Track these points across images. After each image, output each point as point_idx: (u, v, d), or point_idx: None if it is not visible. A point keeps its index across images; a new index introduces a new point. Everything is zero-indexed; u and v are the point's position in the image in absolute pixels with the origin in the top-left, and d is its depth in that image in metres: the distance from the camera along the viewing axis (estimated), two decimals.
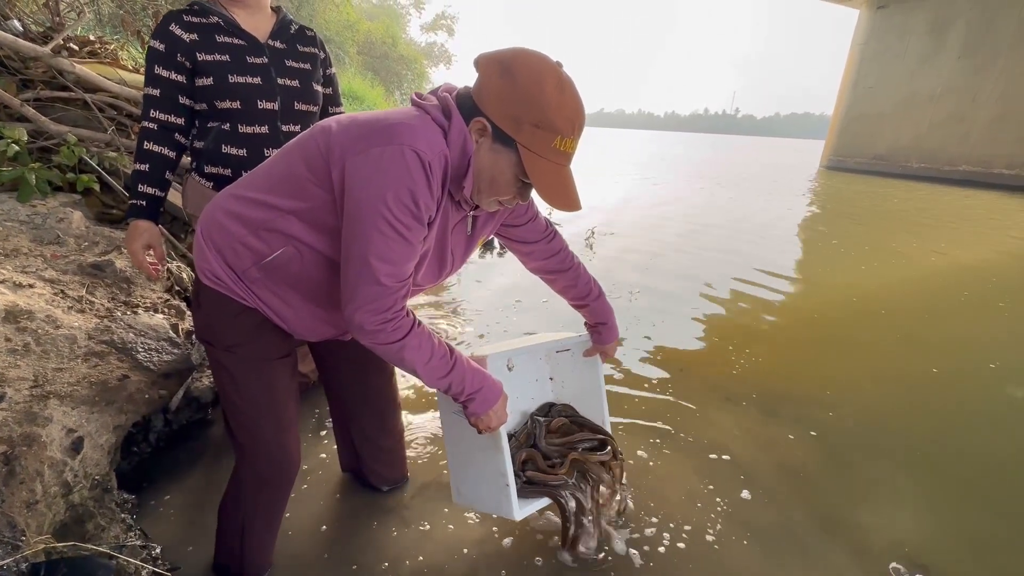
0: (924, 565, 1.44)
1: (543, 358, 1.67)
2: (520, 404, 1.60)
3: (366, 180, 0.93)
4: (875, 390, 2.47)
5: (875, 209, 9.12)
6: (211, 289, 1.11)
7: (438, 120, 0.99)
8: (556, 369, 1.67)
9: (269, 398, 1.16)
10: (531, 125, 0.95)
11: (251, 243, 1.06)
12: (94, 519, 1.26)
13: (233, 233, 1.07)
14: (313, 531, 1.46)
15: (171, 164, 1.50)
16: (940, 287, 4.32)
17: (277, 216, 1.04)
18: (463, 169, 1.02)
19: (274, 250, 1.05)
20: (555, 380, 1.67)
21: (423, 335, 1.05)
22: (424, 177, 0.94)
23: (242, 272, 1.08)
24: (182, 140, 1.52)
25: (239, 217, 1.07)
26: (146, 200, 1.48)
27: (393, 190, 0.93)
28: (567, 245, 1.43)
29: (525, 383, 1.62)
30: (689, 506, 1.62)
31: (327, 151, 0.97)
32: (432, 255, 1.13)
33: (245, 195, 1.08)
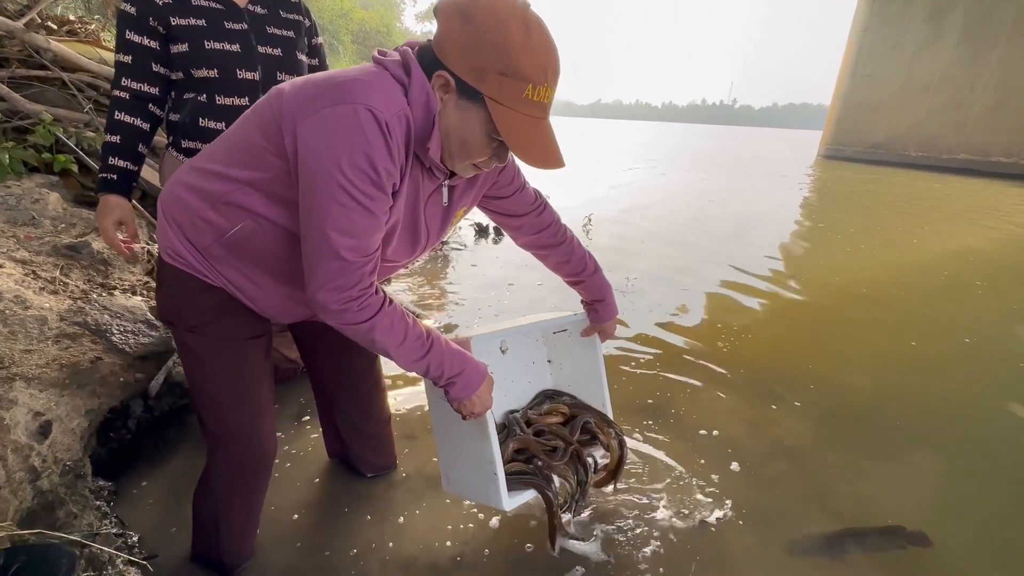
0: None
1: (539, 339, 1.59)
2: (516, 388, 1.53)
3: (317, 145, 0.85)
4: (868, 370, 2.46)
5: (871, 198, 9.10)
6: (172, 267, 1.04)
7: (397, 76, 0.89)
8: (554, 351, 1.59)
9: (238, 382, 1.09)
10: (497, 74, 0.85)
11: (211, 218, 0.99)
12: (65, 506, 1.20)
13: (192, 208, 1.00)
14: (290, 518, 1.40)
15: (144, 136, 1.42)
16: (931, 272, 4.36)
17: (235, 188, 0.96)
18: (428, 130, 0.93)
19: (234, 225, 0.98)
20: (553, 362, 1.60)
21: (395, 315, 0.97)
22: (382, 138, 0.85)
23: (204, 249, 1.01)
24: (156, 111, 1.44)
25: (197, 191, 0.99)
26: (117, 174, 1.39)
27: (347, 154, 0.84)
28: (559, 218, 1.34)
29: (521, 366, 1.55)
30: (680, 480, 1.60)
31: (279, 116, 0.89)
32: (403, 228, 1.04)
33: (203, 167, 1.00)
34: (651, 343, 2.62)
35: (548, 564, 1.29)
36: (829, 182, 11.60)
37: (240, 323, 1.09)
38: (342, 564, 1.26)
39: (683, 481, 1.61)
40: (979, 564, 1.37)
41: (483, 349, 1.45)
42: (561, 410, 1.47)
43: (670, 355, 2.49)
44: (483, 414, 1.14)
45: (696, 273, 3.91)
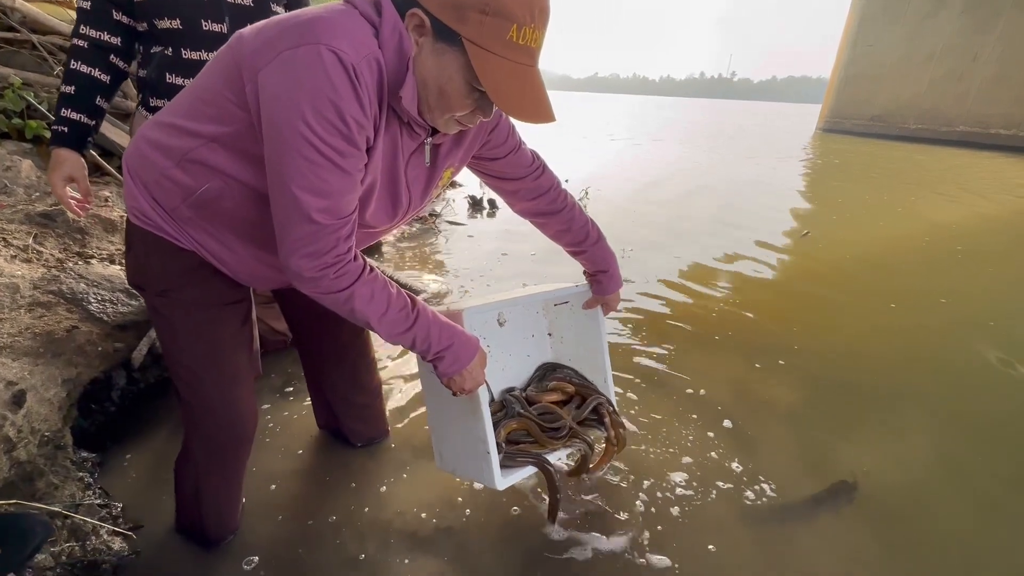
0: (894, 485, 1.47)
1: (540, 311, 1.53)
2: (515, 361, 1.47)
3: (278, 93, 0.77)
4: (858, 336, 2.49)
5: (865, 170, 9.04)
6: (140, 229, 0.98)
7: (367, 15, 0.80)
8: (555, 323, 1.53)
9: (213, 350, 1.04)
10: (477, 12, 0.76)
11: (176, 177, 0.92)
12: (45, 477, 1.17)
13: (157, 166, 0.93)
14: (274, 488, 1.37)
15: (103, 89, 1.32)
16: (925, 245, 4.38)
17: (200, 144, 0.89)
18: (401, 76, 0.84)
19: (200, 184, 0.91)
20: (554, 335, 1.54)
21: (376, 284, 0.91)
22: (349, 85, 0.77)
23: (172, 210, 0.95)
24: (118, 63, 1.34)
25: (161, 147, 0.93)
26: (69, 126, 1.29)
27: (311, 102, 0.76)
28: (559, 182, 1.25)
29: (521, 339, 1.49)
30: (673, 436, 1.63)
31: (240, 62, 0.81)
32: (382, 190, 0.97)
33: (167, 121, 0.93)
34: (646, 311, 2.62)
35: (533, 532, 1.28)
36: (825, 155, 11.50)
37: (213, 288, 1.04)
38: (324, 533, 1.24)
39: (675, 442, 1.60)
40: (961, 515, 1.38)
41: (478, 321, 1.40)
42: (565, 388, 1.41)
43: (663, 321, 2.51)
44: (474, 391, 1.09)
45: (690, 244, 3.93)
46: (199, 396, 1.07)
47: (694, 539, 1.27)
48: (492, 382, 1.31)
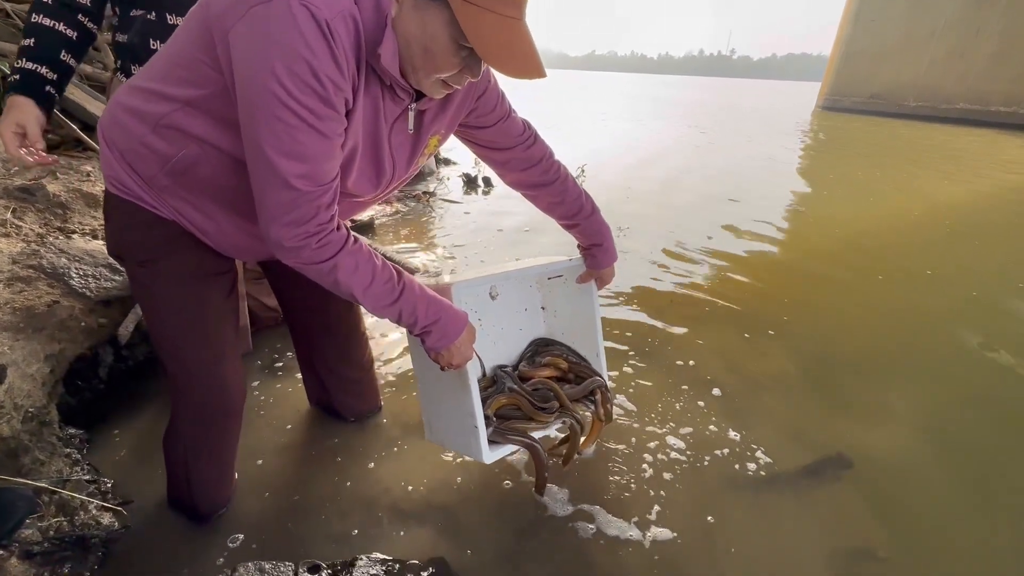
0: (881, 459, 1.47)
1: (533, 285, 1.51)
2: (508, 335, 1.45)
3: (250, 52, 0.73)
4: (852, 313, 2.50)
5: (863, 148, 8.99)
6: (118, 198, 0.94)
7: None
8: (548, 297, 1.51)
9: (196, 321, 1.02)
10: None
11: (152, 143, 0.88)
12: (31, 453, 1.15)
13: (132, 132, 0.89)
14: (261, 463, 1.36)
15: (68, 44, 1.23)
16: (915, 220, 4.38)
17: (175, 109, 0.86)
18: (380, 34, 0.80)
19: (177, 151, 0.88)
20: (547, 309, 1.52)
21: (360, 254, 0.89)
22: (323, 42, 0.73)
23: (149, 179, 0.91)
24: (87, 24, 1.25)
25: (136, 113, 0.89)
26: (22, 74, 1.18)
27: (284, 60, 0.72)
28: (551, 153, 1.22)
29: (513, 313, 1.47)
30: (665, 408, 1.63)
31: (211, 20, 0.77)
32: (364, 157, 0.93)
33: (141, 86, 0.89)
34: (638, 285, 2.62)
35: (526, 506, 1.27)
36: (823, 133, 11.40)
37: (196, 259, 1.00)
38: (313, 507, 1.23)
39: (667, 414, 1.60)
40: (949, 487, 1.39)
41: (470, 295, 1.38)
42: (559, 364, 1.40)
43: (655, 295, 2.52)
44: (463, 366, 1.07)
45: (683, 220, 3.91)
46: (184, 369, 1.05)
47: (692, 510, 1.27)
48: (484, 356, 1.30)
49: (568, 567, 1.12)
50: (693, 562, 1.14)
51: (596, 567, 1.12)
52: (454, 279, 1.16)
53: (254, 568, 0.98)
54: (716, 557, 1.15)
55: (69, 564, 1.03)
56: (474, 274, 1.24)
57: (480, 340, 1.36)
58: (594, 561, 1.14)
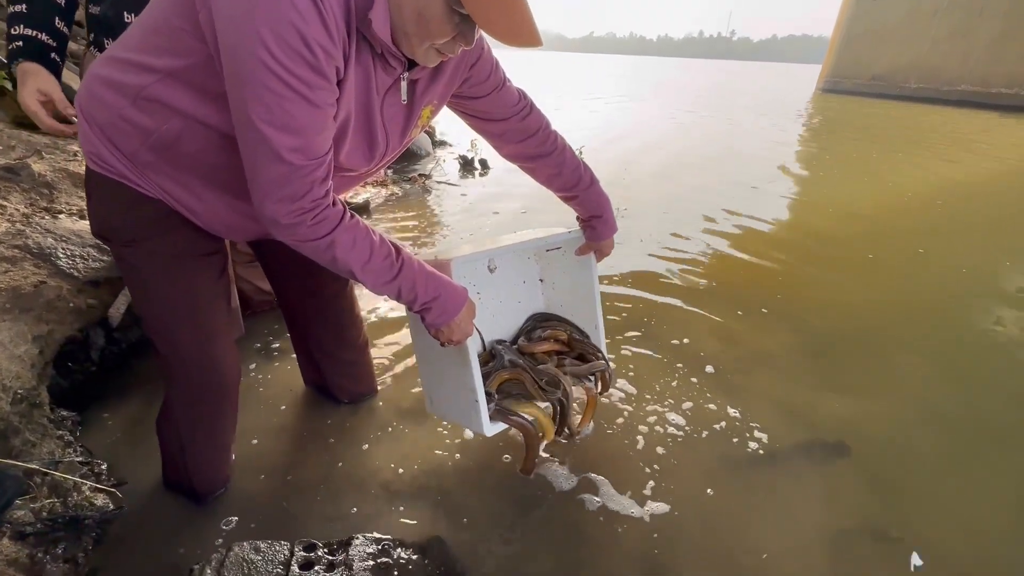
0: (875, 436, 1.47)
1: (532, 257, 1.49)
2: (506, 307, 1.44)
3: (235, 18, 0.70)
4: (844, 291, 2.50)
5: (862, 131, 8.93)
6: (100, 175, 0.91)
7: None
8: (547, 270, 1.49)
9: (186, 302, 0.99)
10: None
11: (133, 117, 0.85)
12: (21, 435, 1.14)
13: (111, 105, 0.86)
14: (255, 443, 1.35)
15: (59, 10, 1.19)
16: (912, 205, 4.37)
17: (154, 80, 0.82)
18: (371, 3, 0.77)
19: (159, 125, 0.84)
20: (545, 282, 1.51)
21: (357, 230, 0.86)
22: (313, 7, 0.70)
23: (131, 154, 0.88)
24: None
25: (114, 85, 0.85)
26: (24, 40, 1.15)
27: (272, 27, 0.69)
28: (548, 123, 1.18)
29: (512, 286, 1.46)
30: (661, 384, 1.64)
31: None
32: (356, 129, 0.90)
33: (118, 56, 0.86)
34: (635, 265, 2.61)
35: (523, 483, 1.27)
36: (822, 116, 11.31)
37: (183, 239, 0.98)
38: (307, 488, 1.22)
39: (663, 390, 1.60)
40: (944, 462, 1.39)
41: (468, 269, 1.36)
42: (559, 337, 1.39)
43: (651, 275, 2.52)
44: (463, 342, 1.06)
45: (681, 203, 3.90)
46: (176, 351, 1.03)
47: (690, 486, 1.27)
48: (483, 329, 1.29)
49: (567, 542, 1.12)
50: (691, 537, 1.14)
51: (594, 542, 1.12)
52: (453, 254, 1.14)
53: (249, 548, 0.97)
54: (713, 532, 1.15)
55: (63, 545, 1.02)
56: (472, 249, 1.22)
57: (479, 314, 1.35)
58: (592, 536, 1.13)
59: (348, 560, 0.99)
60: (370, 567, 0.99)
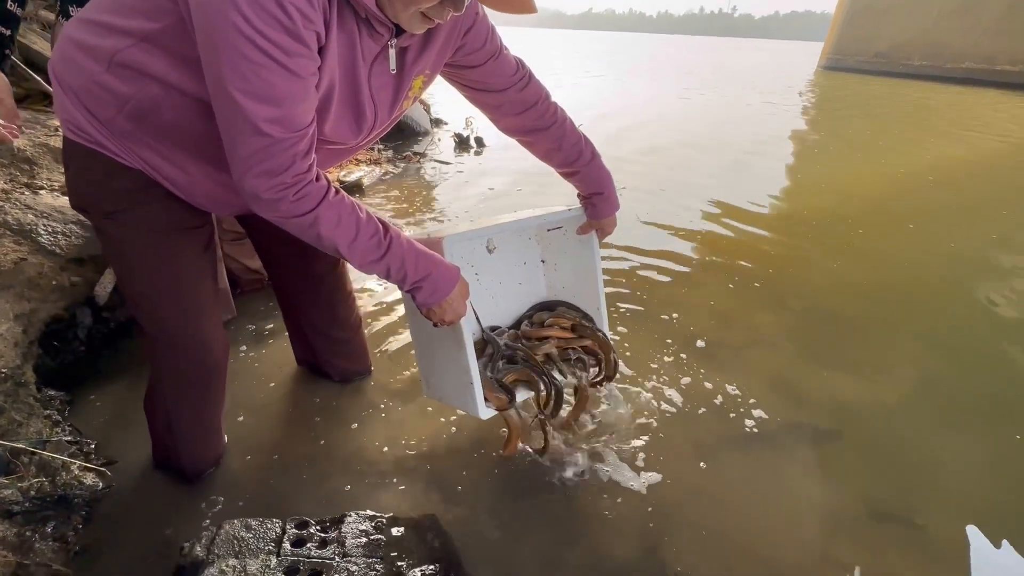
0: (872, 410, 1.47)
1: (532, 238, 1.45)
2: (506, 289, 1.40)
3: None
4: (833, 266, 2.51)
5: (861, 109, 8.83)
6: (76, 144, 0.87)
7: None
8: (548, 250, 1.45)
9: (170, 278, 0.96)
10: None
11: (107, 82, 0.81)
12: (6, 414, 1.12)
13: (85, 70, 0.82)
14: (243, 421, 1.33)
15: None
16: (905, 182, 4.35)
17: (129, 44, 0.78)
18: None
19: (134, 92, 0.80)
20: (547, 263, 1.46)
21: (342, 207, 0.83)
22: None
23: (108, 122, 0.84)
24: None
25: (88, 49, 0.81)
26: None
27: None
28: (548, 94, 1.13)
29: (512, 267, 1.42)
30: (654, 361, 1.65)
31: None
32: (341, 100, 0.86)
33: (91, 18, 0.82)
34: (629, 240, 2.59)
35: (513, 460, 1.26)
36: (822, 94, 11.17)
37: (167, 211, 0.94)
38: (297, 466, 1.21)
39: (656, 367, 1.60)
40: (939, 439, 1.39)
41: (465, 249, 1.32)
42: (562, 323, 1.35)
43: (644, 252, 2.51)
44: (456, 322, 1.03)
45: (676, 180, 3.87)
46: (161, 329, 1.00)
47: (686, 462, 1.27)
48: (483, 312, 1.26)
49: (560, 518, 1.12)
50: (684, 510, 1.14)
51: (588, 515, 1.12)
52: (446, 231, 1.10)
53: (240, 525, 0.96)
54: (706, 506, 1.15)
55: (52, 524, 1.01)
56: (466, 226, 1.19)
57: (478, 295, 1.32)
58: (586, 510, 1.13)
59: (341, 537, 0.98)
60: (363, 544, 0.98)
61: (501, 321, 1.39)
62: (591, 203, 1.26)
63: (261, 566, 0.90)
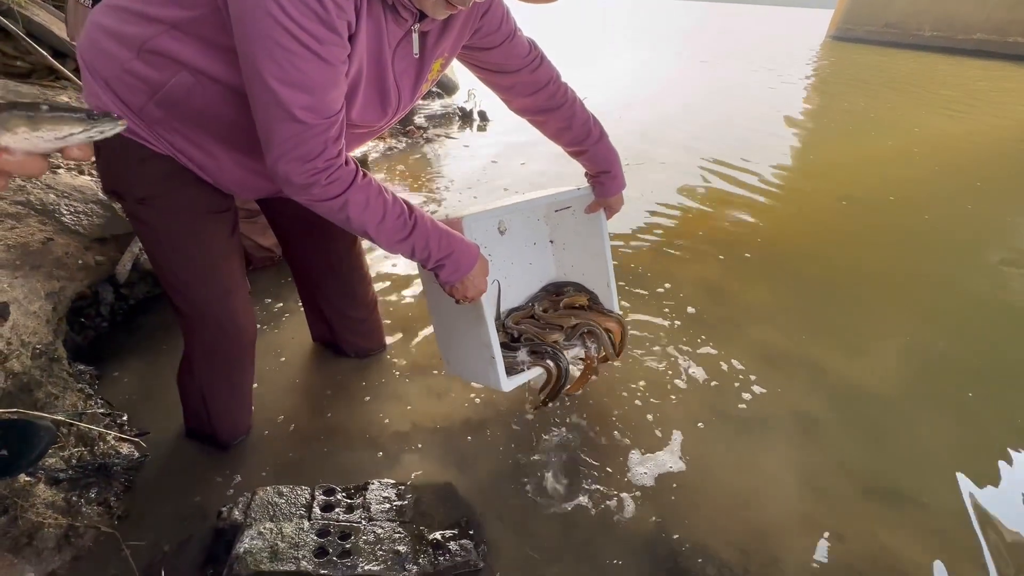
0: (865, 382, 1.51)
1: (541, 219, 1.48)
2: (517, 270, 1.44)
3: None
4: (824, 238, 2.56)
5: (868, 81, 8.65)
6: None
7: None
8: (556, 230, 1.48)
9: (202, 258, 1.01)
10: None
11: (138, 70, 0.83)
12: (43, 388, 1.17)
13: (115, 58, 0.83)
14: (271, 398, 1.39)
15: None
16: (899, 156, 4.32)
17: (160, 32, 0.80)
18: None
19: (166, 79, 0.82)
20: (556, 243, 1.50)
21: (370, 190, 0.87)
22: None
23: (139, 110, 0.86)
24: None
25: (116, 36, 0.83)
26: None
27: None
28: (558, 75, 1.16)
29: (522, 247, 1.45)
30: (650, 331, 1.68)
31: None
32: (368, 84, 0.89)
33: (120, 4, 0.83)
34: (632, 219, 2.62)
35: (525, 432, 1.33)
36: (829, 65, 10.92)
37: (195, 195, 0.98)
38: (320, 438, 1.28)
39: (650, 338, 1.65)
40: (932, 412, 1.46)
41: (479, 229, 1.36)
42: (580, 303, 1.39)
43: (644, 228, 2.55)
44: (477, 299, 1.08)
45: (675, 153, 3.85)
46: (193, 305, 1.05)
47: (679, 426, 1.34)
48: (494, 292, 1.31)
49: (575, 486, 1.19)
50: (684, 479, 1.21)
51: (602, 483, 1.19)
52: (464, 212, 1.14)
53: (273, 492, 1.04)
54: (701, 475, 1.23)
55: (95, 489, 1.08)
56: (481, 207, 1.22)
57: (491, 276, 1.36)
58: (599, 478, 1.21)
59: (366, 503, 1.05)
60: (386, 509, 1.05)
61: (512, 301, 1.44)
62: (599, 182, 1.28)
63: (295, 528, 0.97)
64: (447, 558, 0.98)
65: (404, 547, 0.98)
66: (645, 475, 1.22)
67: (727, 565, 1.04)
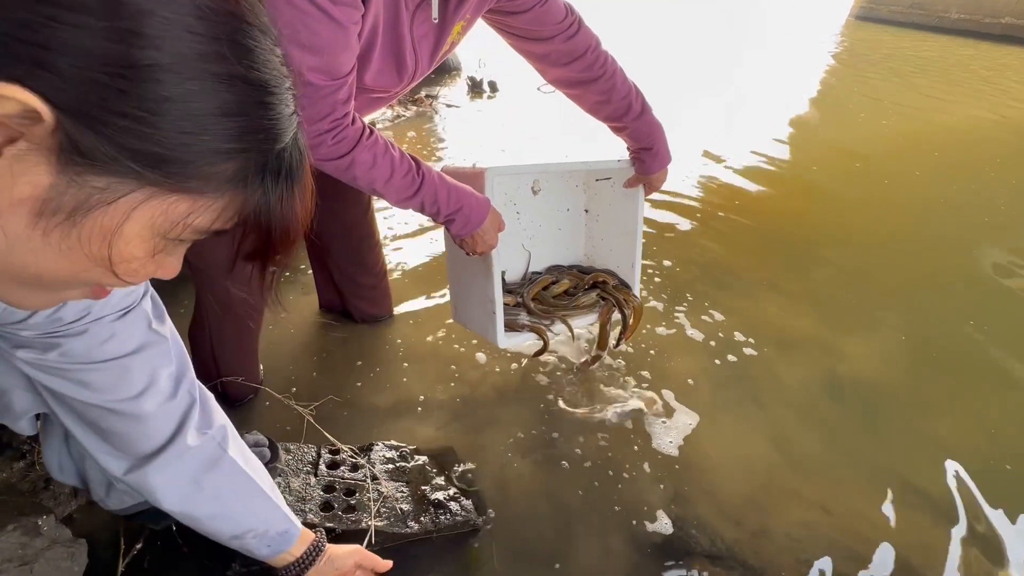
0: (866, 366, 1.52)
1: (580, 185, 1.42)
2: (545, 234, 1.41)
3: None
4: (827, 219, 2.55)
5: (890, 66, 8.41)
6: None
7: None
8: (593, 200, 1.42)
9: None
10: None
11: None
12: None
13: None
14: (277, 362, 1.41)
15: None
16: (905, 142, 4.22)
17: None
18: None
19: None
20: (590, 213, 1.45)
21: (377, 148, 0.86)
22: None
23: None
24: None
25: None
26: None
27: None
28: (598, 42, 1.08)
29: (555, 211, 1.41)
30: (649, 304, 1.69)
31: None
32: (384, 49, 0.88)
33: None
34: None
35: (527, 397, 1.36)
36: (851, 46, 10.61)
37: None
38: (313, 398, 1.30)
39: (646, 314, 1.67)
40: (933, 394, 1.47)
41: (509, 185, 1.34)
42: (598, 279, 1.39)
43: (657, 206, 2.52)
44: (487, 253, 1.09)
45: (684, 132, 3.75)
46: (207, 264, 1.07)
47: (677, 393, 1.36)
48: (517, 251, 1.31)
49: (566, 451, 1.22)
50: (682, 458, 1.24)
51: (592, 450, 1.22)
52: (488, 164, 1.10)
53: (280, 448, 1.07)
54: (706, 460, 1.25)
55: None
56: (513, 161, 1.21)
57: (517, 235, 1.36)
58: (590, 445, 1.23)
59: (370, 463, 1.09)
60: (390, 470, 1.09)
61: (533, 265, 1.44)
62: (639, 158, 1.21)
63: (302, 484, 1.00)
64: (448, 517, 1.01)
65: (407, 505, 1.01)
66: (639, 448, 1.25)
67: (719, 534, 1.08)
